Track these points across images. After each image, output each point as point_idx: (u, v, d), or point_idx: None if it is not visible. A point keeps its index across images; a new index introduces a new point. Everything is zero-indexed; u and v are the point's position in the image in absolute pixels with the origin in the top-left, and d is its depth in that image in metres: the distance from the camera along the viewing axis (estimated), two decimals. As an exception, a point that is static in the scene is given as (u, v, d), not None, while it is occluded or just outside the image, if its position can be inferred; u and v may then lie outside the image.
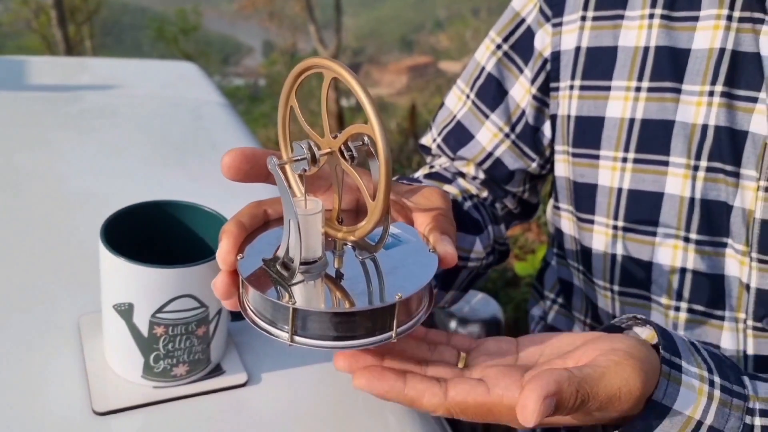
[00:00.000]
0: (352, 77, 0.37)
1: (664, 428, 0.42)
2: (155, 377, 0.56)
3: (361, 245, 0.44)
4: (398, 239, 0.45)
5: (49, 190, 0.88)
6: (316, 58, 0.40)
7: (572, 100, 0.66)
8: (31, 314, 0.65)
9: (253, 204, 0.46)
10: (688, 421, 0.42)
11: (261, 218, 0.46)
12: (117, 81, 1.31)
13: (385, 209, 0.39)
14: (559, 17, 0.67)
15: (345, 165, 0.41)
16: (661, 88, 0.61)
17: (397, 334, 0.40)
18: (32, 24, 9.43)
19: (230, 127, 1.16)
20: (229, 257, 0.42)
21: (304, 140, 0.41)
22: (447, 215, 0.48)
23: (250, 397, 0.58)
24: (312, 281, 0.41)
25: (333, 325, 0.39)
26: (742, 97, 0.58)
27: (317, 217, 0.41)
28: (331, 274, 0.43)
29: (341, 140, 0.40)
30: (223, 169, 0.45)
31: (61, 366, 0.58)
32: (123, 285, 0.53)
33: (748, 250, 0.58)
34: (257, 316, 0.42)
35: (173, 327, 0.54)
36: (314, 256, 0.42)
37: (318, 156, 0.41)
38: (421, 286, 0.41)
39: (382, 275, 0.42)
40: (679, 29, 0.61)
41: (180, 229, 0.60)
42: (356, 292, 0.41)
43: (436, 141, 0.76)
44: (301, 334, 0.40)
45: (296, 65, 0.41)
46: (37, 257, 0.73)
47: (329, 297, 0.41)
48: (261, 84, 12.09)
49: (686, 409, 0.42)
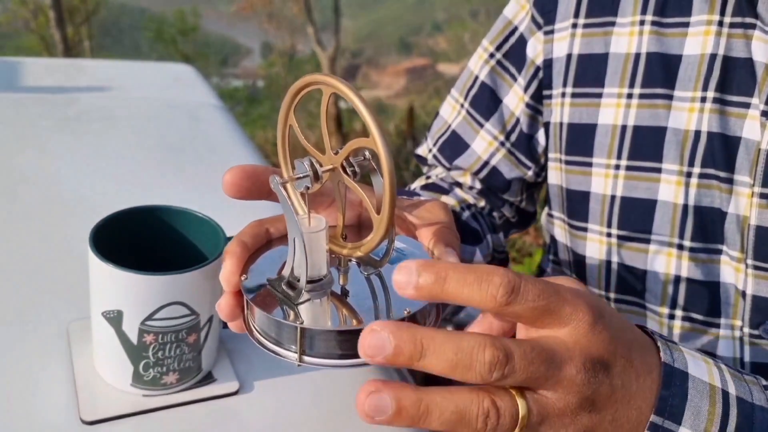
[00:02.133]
0: (352, 91, 0.37)
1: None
2: (145, 385, 0.55)
3: (366, 261, 0.43)
4: (402, 253, 0.45)
5: (42, 193, 0.87)
6: (314, 75, 0.39)
7: (564, 108, 0.66)
8: (19, 320, 0.64)
9: (254, 223, 0.46)
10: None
11: (263, 237, 0.45)
12: (113, 83, 1.30)
13: (391, 222, 0.39)
14: (550, 25, 0.66)
15: (348, 181, 0.41)
16: (652, 94, 0.61)
17: None
18: (30, 24, 9.42)
19: (226, 130, 1.16)
20: (233, 278, 0.42)
21: (306, 158, 0.41)
22: (450, 228, 0.48)
23: (242, 406, 0.57)
24: (318, 300, 0.41)
25: (342, 344, 0.39)
26: (735, 103, 0.57)
27: (321, 234, 0.41)
28: (337, 292, 0.42)
29: (343, 156, 0.40)
30: (224, 186, 0.44)
31: (49, 373, 0.58)
32: (112, 292, 0.53)
33: (743, 257, 0.58)
34: (264, 337, 0.41)
35: (163, 335, 0.53)
36: (319, 274, 0.42)
37: (320, 173, 0.41)
38: (429, 300, 0.40)
39: (388, 291, 0.42)
40: (670, 35, 0.60)
41: (171, 234, 0.59)
42: (363, 309, 0.40)
43: (432, 151, 0.76)
44: (309, 353, 0.39)
45: (294, 83, 0.41)
46: (26, 262, 0.72)
47: (336, 315, 0.41)
48: (259, 85, 12.09)
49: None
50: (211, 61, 12.67)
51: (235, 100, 9.64)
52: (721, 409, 0.38)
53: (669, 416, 0.37)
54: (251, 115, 8.87)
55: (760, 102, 0.56)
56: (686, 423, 0.37)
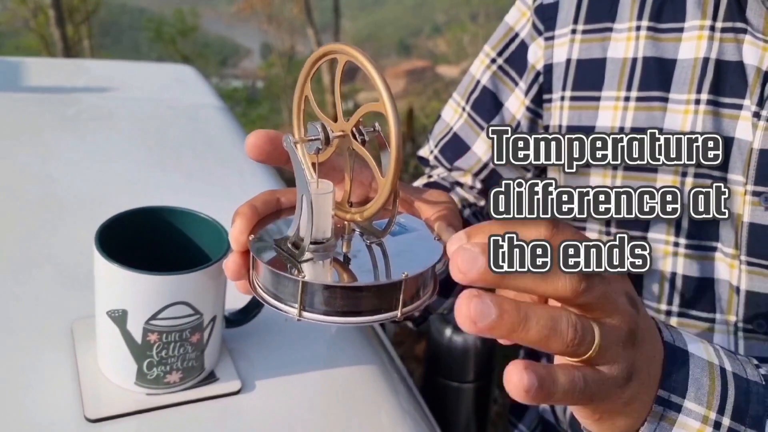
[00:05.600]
0: (366, 59, 0.38)
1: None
2: (148, 384, 0.56)
3: (369, 230, 0.45)
4: (405, 228, 0.47)
5: (44, 192, 0.87)
6: (331, 45, 0.41)
7: (564, 111, 0.67)
8: (23, 318, 0.64)
9: (267, 192, 0.48)
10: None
11: (274, 205, 0.47)
12: (113, 83, 1.31)
13: (394, 184, 0.40)
14: (551, 31, 0.68)
15: (357, 146, 0.42)
16: (649, 97, 0.62)
17: (403, 313, 0.41)
18: (30, 23, 9.41)
19: (227, 131, 1.16)
20: (241, 237, 0.43)
21: (318, 122, 0.43)
22: (453, 211, 0.49)
23: (244, 405, 0.58)
24: (321, 261, 0.43)
25: (341, 301, 0.40)
26: (728, 105, 0.59)
27: (328, 197, 0.43)
28: (340, 258, 0.44)
29: (353, 121, 0.42)
30: (247, 148, 0.46)
31: (53, 371, 0.58)
32: (117, 291, 0.53)
33: (737, 253, 0.59)
34: (267, 293, 0.43)
35: (167, 334, 0.54)
36: (324, 236, 0.43)
37: (331, 137, 0.42)
38: (428, 267, 0.42)
39: (388, 258, 0.44)
40: (665, 40, 0.62)
41: (175, 235, 0.59)
42: (363, 271, 0.42)
43: (434, 153, 0.77)
44: (309, 309, 0.41)
45: (312, 54, 0.43)
46: (28, 261, 0.73)
47: (337, 275, 0.42)
48: (259, 86, 12.08)
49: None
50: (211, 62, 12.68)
51: (234, 100, 9.63)
52: (720, 383, 0.40)
53: (674, 390, 0.39)
54: (250, 115, 8.86)
55: (752, 103, 0.58)
56: (690, 396, 0.39)
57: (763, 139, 0.57)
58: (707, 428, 0.40)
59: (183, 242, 0.59)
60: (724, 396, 0.40)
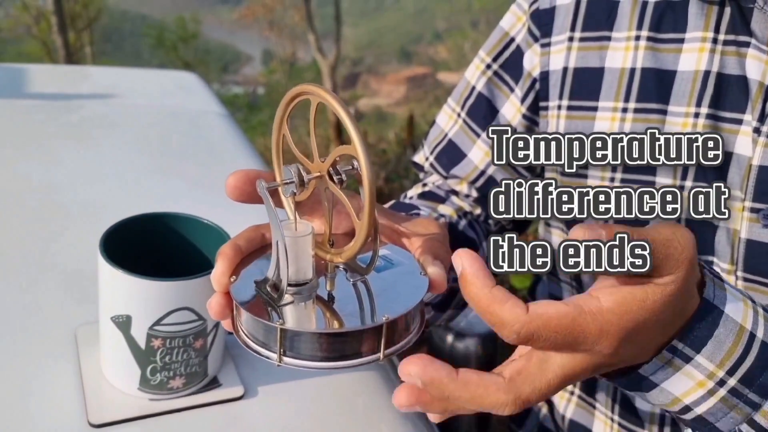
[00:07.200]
0: (336, 101, 0.38)
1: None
2: (152, 389, 0.56)
3: (353, 268, 0.45)
4: (391, 262, 0.46)
5: (48, 199, 0.88)
6: (302, 86, 0.41)
7: (560, 120, 0.67)
8: (27, 324, 0.64)
9: (251, 228, 0.47)
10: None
11: (258, 242, 0.47)
12: (116, 90, 1.31)
13: (370, 228, 0.40)
14: (547, 37, 0.67)
15: (333, 187, 0.42)
16: (647, 109, 0.61)
17: (385, 355, 0.41)
18: (33, 30, 9.44)
19: (229, 138, 1.17)
20: (223, 279, 0.43)
21: (293, 164, 0.43)
22: (442, 241, 0.49)
23: (247, 411, 0.58)
24: (302, 303, 0.42)
25: (321, 346, 0.40)
26: (728, 119, 0.58)
27: (307, 239, 0.42)
28: (323, 297, 0.43)
29: (328, 163, 0.42)
30: (227, 189, 0.46)
31: (57, 377, 0.58)
32: (122, 297, 0.53)
33: (733, 269, 0.58)
34: (248, 338, 0.42)
35: (171, 339, 0.54)
36: (305, 278, 0.43)
37: (306, 180, 0.42)
38: (409, 308, 0.41)
39: (372, 297, 0.43)
40: (665, 51, 0.61)
41: (179, 241, 0.60)
42: (346, 313, 0.41)
43: (429, 159, 0.77)
44: (290, 354, 0.40)
45: (286, 93, 0.43)
46: (32, 267, 0.73)
47: (319, 318, 0.42)
48: (260, 92, 12.11)
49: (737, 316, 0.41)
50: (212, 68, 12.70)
51: (235, 106, 9.65)
52: (743, 348, 0.40)
53: (690, 343, 0.40)
54: (251, 122, 8.87)
55: (753, 118, 0.56)
56: (705, 353, 0.40)
57: (762, 156, 0.56)
58: (709, 382, 0.40)
59: (186, 248, 0.60)
60: (741, 360, 0.40)
